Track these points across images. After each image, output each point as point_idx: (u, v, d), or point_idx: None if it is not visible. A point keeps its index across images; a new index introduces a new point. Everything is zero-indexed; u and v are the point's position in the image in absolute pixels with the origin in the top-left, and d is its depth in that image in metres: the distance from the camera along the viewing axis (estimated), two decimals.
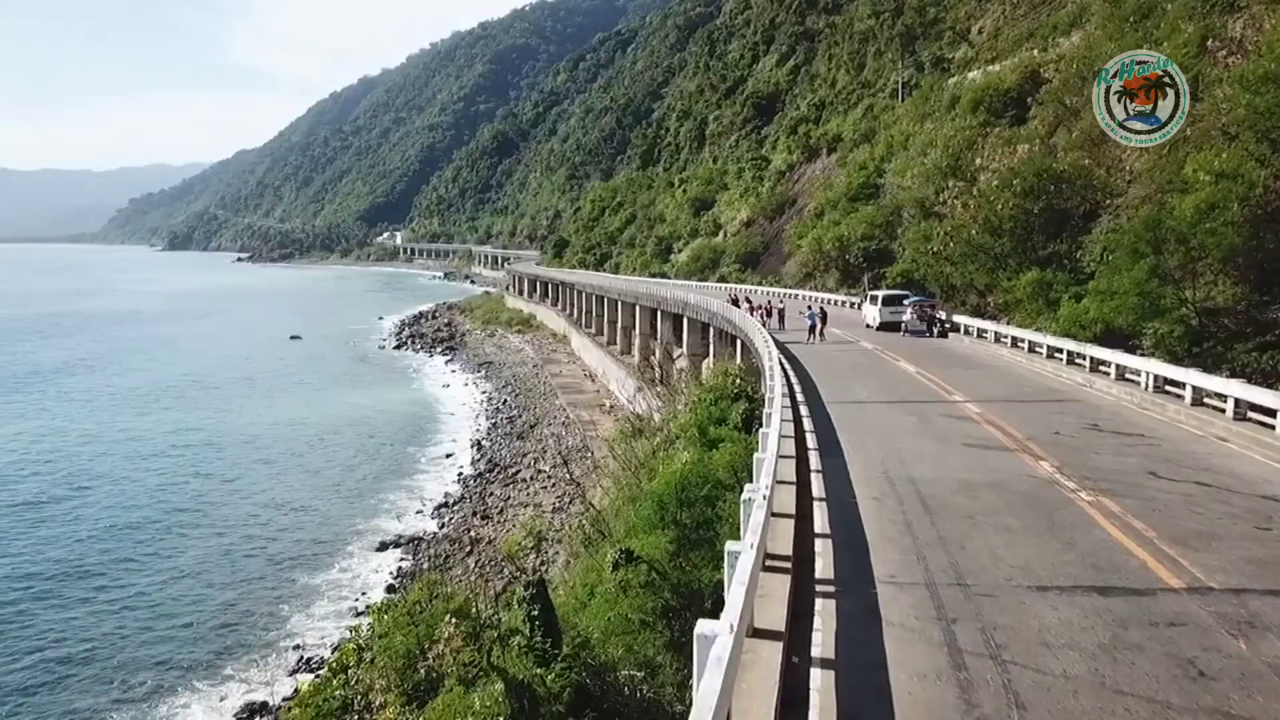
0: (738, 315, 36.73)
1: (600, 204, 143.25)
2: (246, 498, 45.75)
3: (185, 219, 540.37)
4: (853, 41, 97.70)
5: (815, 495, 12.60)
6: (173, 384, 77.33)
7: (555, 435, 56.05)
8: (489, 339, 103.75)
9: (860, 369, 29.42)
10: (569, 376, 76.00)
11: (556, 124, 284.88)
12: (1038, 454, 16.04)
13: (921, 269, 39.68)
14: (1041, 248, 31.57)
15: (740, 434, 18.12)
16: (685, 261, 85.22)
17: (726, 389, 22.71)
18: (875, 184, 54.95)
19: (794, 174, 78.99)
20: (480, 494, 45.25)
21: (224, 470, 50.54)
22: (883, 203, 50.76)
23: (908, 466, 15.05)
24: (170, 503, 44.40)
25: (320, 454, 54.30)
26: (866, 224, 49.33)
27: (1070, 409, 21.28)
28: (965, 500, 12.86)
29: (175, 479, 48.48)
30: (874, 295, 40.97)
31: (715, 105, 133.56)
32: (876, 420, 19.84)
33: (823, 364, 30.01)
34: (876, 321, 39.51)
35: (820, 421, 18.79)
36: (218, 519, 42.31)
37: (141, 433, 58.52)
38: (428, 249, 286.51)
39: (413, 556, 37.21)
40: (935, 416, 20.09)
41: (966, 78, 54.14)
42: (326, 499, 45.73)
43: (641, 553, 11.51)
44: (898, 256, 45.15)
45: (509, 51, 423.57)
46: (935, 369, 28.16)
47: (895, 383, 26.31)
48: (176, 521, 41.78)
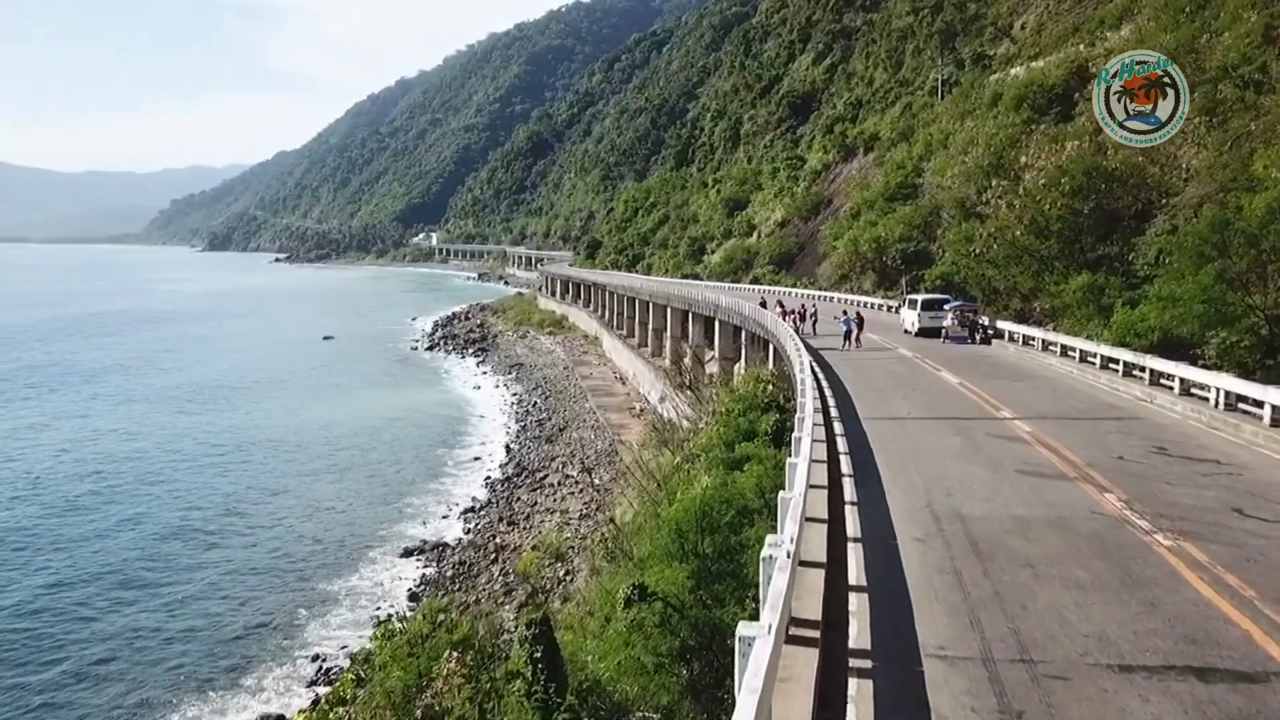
0: (769, 320, 35.14)
1: (633, 204, 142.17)
2: (271, 500, 45.25)
3: (225, 220, 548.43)
4: (891, 39, 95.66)
5: (850, 534, 11.20)
6: (204, 384, 77.50)
7: (584, 439, 55.04)
8: (520, 340, 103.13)
9: (899, 379, 27.69)
10: (599, 379, 75.03)
11: (591, 125, 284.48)
12: (1101, 484, 14.33)
13: (962, 271, 37.81)
14: (1090, 250, 29.64)
15: (770, 449, 16.85)
16: (718, 262, 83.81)
17: (757, 398, 21.42)
18: (913, 184, 53.17)
19: (830, 174, 77.25)
20: (507, 499, 44.35)
21: (250, 472, 50.16)
22: (921, 203, 48.99)
23: (955, 498, 13.45)
24: (195, 505, 44.01)
25: (348, 456, 53.78)
26: (904, 224, 47.53)
27: (1132, 428, 19.49)
28: (1023, 544, 11.22)
29: (201, 481, 48.15)
30: (912, 299, 39.03)
31: (750, 105, 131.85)
32: (917, 440, 18.20)
33: (859, 373, 28.46)
34: (915, 327, 37.57)
35: (856, 441, 17.33)
36: (241, 522, 41.81)
37: (169, 434, 58.42)
38: (462, 250, 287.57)
39: (437, 564, 36.35)
40: (982, 436, 18.44)
41: (1009, 74, 52.22)
42: (352, 502, 45.12)
43: (657, 588, 10.31)
44: (936, 258, 43.29)
45: (544, 53, 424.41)
46: (979, 380, 26.37)
47: (937, 396, 24.53)
48: (200, 525, 41.34)
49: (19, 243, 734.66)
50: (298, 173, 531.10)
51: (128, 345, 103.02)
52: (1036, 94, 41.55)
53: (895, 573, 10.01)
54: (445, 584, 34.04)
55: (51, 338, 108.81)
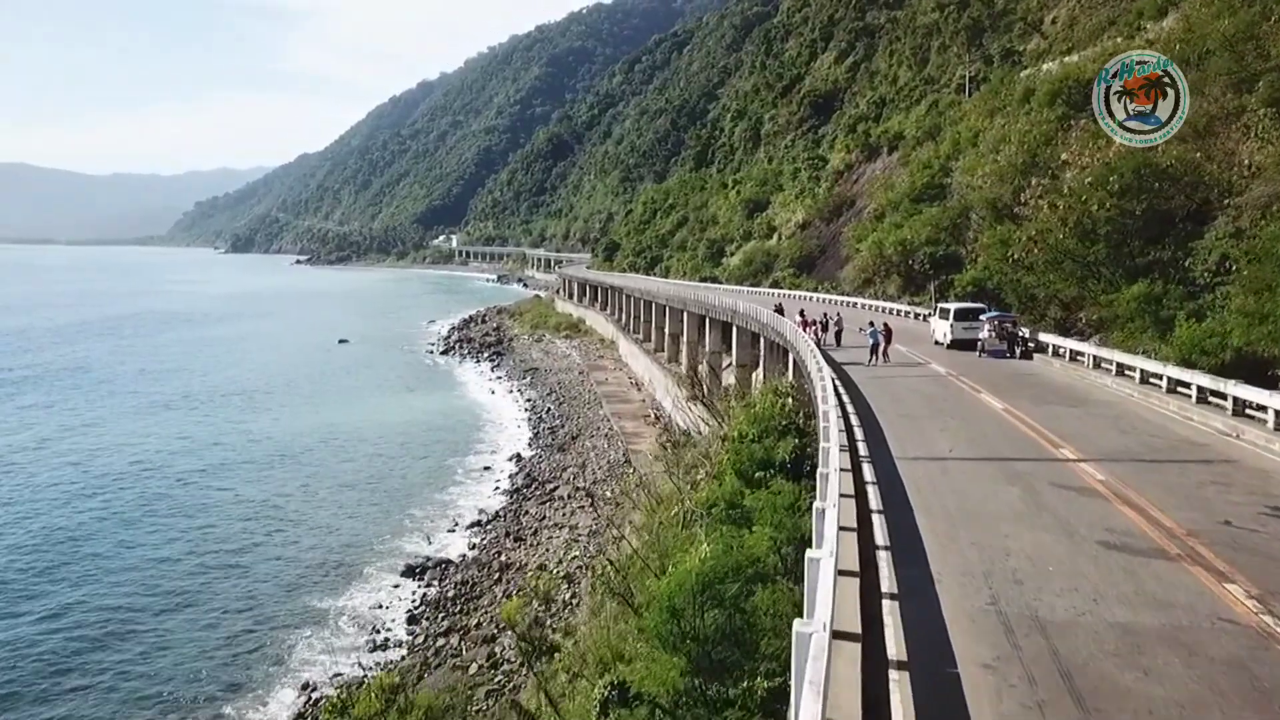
0: (788, 329, 33.01)
1: (652, 206, 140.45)
2: (271, 511, 43.86)
3: (248, 222, 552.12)
4: (915, 36, 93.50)
5: (891, 657, 8.28)
6: (211, 390, 76.52)
7: (597, 448, 53.37)
8: (536, 344, 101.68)
9: (934, 404, 24.43)
10: (614, 384, 73.36)
11: (611, 126, 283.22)
12: (1214, 565, 11.10)
13: (995, 277, 35.40)
14: (1140, 254, 27.16)
15: (787, 481, 14.97)
16: (737, 265, 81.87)
17: (774, 419, 19.53)
18: (940, 184, 50.97)
19: (852, 174, 75.11)
20: (515, 512, 42.76)
21: (251, 482, 48.83)
22: (949, 204, 46.80)
23: (1026, 589, 10.31)
24: (190, 516, 42.68)
25: (354, 465, 52.40)
26: (931, 226, 45.31)
27: (1228, 476, 15.94)
28: (1138, 679, 8.04)
29: (198, 491, 46.83)
30: (944, 309, 36.08)
31: (771, 104, 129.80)
32: (966, 492, 14.89)
33: (888, 395, 25.44)
34: (948, 339, 34.64)
35: (891, 493, 14.27)
36: (238, 535, 40.41)
37: (169, 441, 57.29)
38: (482, 252, 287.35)
39: (439, 582, 34.78)
40: (1045, 486, 15.11)
41: (1041, 69, 50.04)
42: (356, 514, 43.66)
43: (643, 686, 8.44)
44: (967, 263, 40.87)
45: (565, 55, 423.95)
46: (1027, 405, 23.10)
47: (981, 426, 21.07)
48: (195, 536, 39.98)
49: (46, 244, 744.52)
50: (319, 175, 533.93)
51: (138, 348, 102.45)
52: (1073, 89, 39.29)
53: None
54: (446, 605, 32.46)
55: (64, 340, 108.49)
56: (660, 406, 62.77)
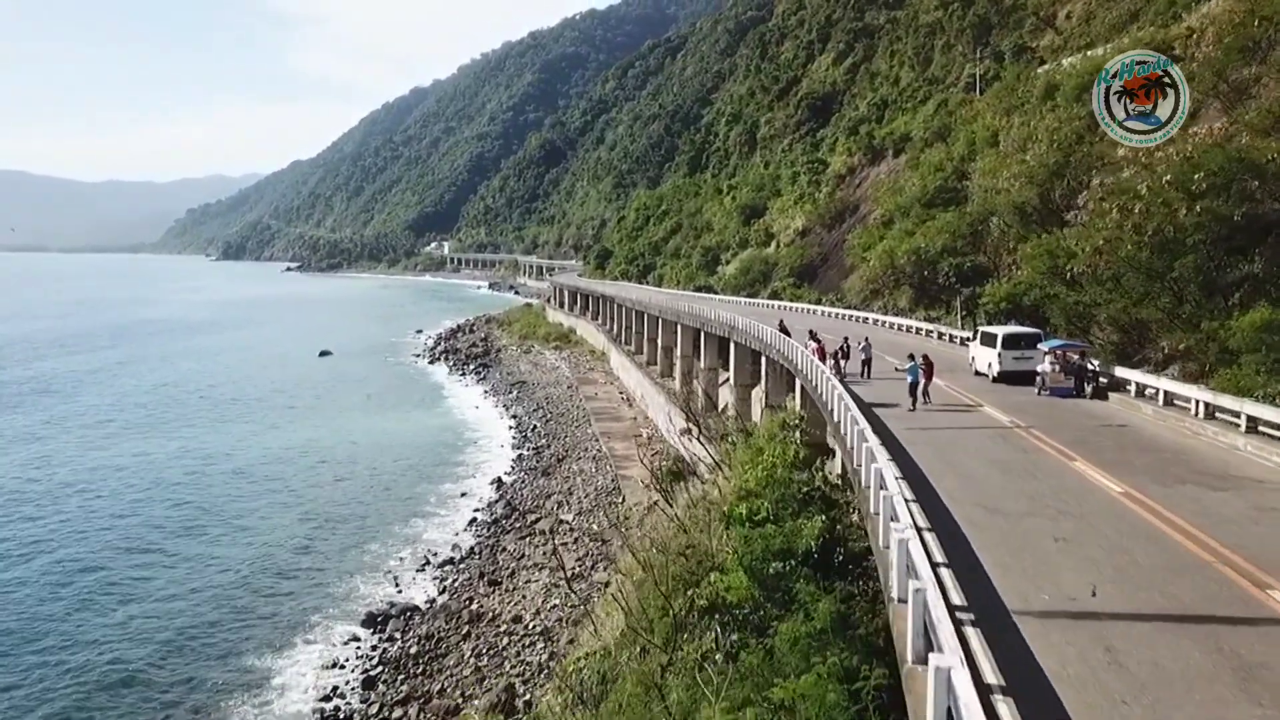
0: (798, 356, 27.85)
1: (645, 212, 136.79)
2: (219, 545, 39.99)
3: (240, 229, 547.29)
4: (918, 36, 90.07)
5: None
6: (181, 404, 72.92)
7: (584, 472, 49.59)
8: (524, 356, 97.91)
9: (1018, 480, 16.95)
10: (605, 400, 69.59)
11: (604, 132, 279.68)
12: None
13: (1032, 293, 30.59)
14: (1228, 268, 22.31)
15: (815, 585, 11.00)
16: (734, 274, 78.09)
17: (786, 473, 15.58)
18: (955, 187, 47.25)
19: (854, 178, 71.41)
20: (492, 548, 38.92)
21: (202, 509, 45.00)
22: (967, 208, 42.99)
23: None
24: (129, 549, 38.73)
25: (321, 492, 48.53)
26: (948, 233, 41.43)
27: None
28: None
29: (144, 520, 42.94)
30: (988, 333, 29.25)
31: (767, 108, 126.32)
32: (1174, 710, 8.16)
33: (950, 464, 18.13)
34: (995, 370, 28.23)
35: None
36: (179, 572, 36.54)
37: (124, 463, 53.54)
38: (474, 259, 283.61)
39: (401, 636, 30.91)
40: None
41: (1062, 64, 46.47)
42: (316, 550, 39.77)
43: None
44: (997, 275, 36.50)
45: (558, 60, 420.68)
46: (1154, 487, 16.05)
47: (1111, 533, 13.58)
48: (129, 573, 36.09)
49: (39, 251, 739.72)
50: (311, 182, 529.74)
51: (110, 361, 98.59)
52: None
53: None
54: (407, 665, 28.60)
55: (43, 351, 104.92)
56: (653, 425, 59.02)
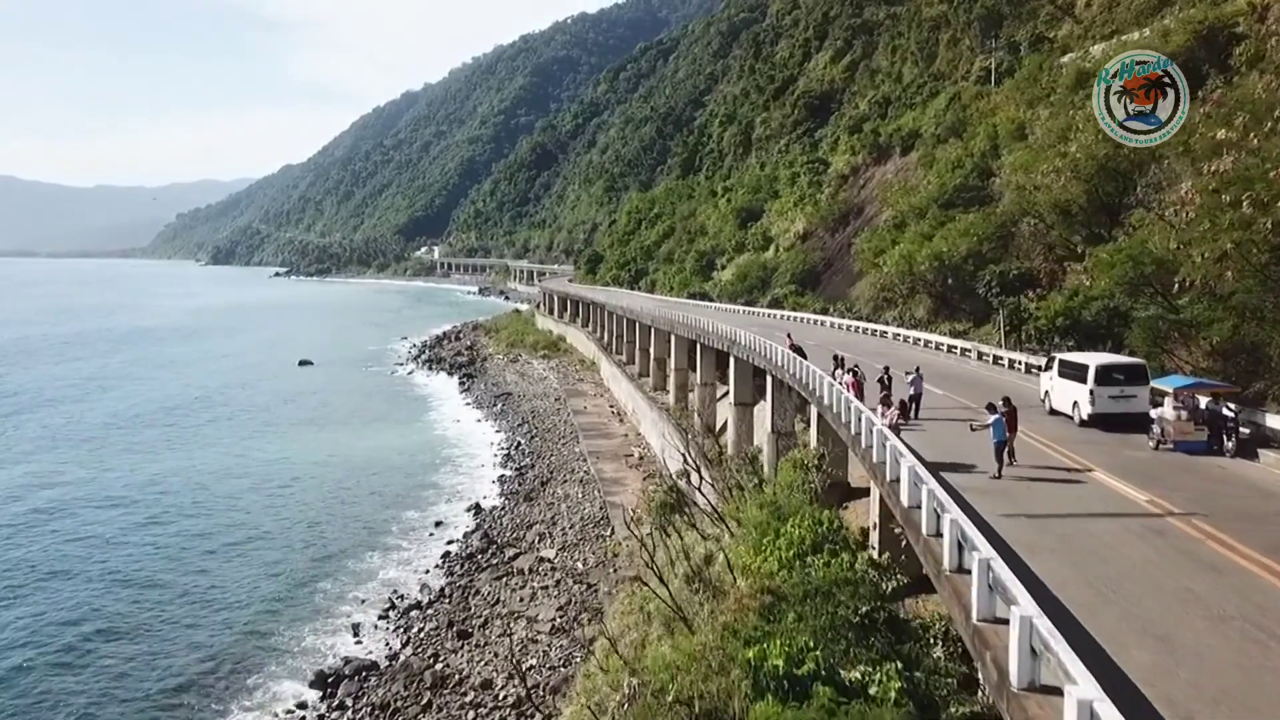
0: (830, 393, 22.23)
1: (636, 216, 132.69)
2: (162, 582, 35.95)
3: (229, 234, 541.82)
4: (921, 30, 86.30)
5: None
6: (148, 417, 69.12)
7: (570, 498, 45.51)
8: (511, 365, 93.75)
9: (1256, 646, 9.63)
10: (594, 413, 65.47)
11: (596, 135, 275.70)
12: None
13: (1093, 306, 25.77)
14: None
15: None
16: (730, 280, 74.03)
17: (830, 580, 11.36)
18: (977, 185, 43.18)
19: (858, 178, 67.40)
20: (464, 590, 34.77)
21: (154, 536, 40.86)
22: (993, 208, 38.82)
23: None
24: (57, 591, 34.42)
25: (282, 519, 44.37)
26: (972, 237, 37.22)
27: None
28: None
29: (85, 551, 38.71)
30: (1073, 363, 22.56)
31: (762, 107, 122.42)
32: None
33: (1106, 596, 11.17)
34: (1084, 411, 21.44)
35: None
36: (105, 614, 32.50)
37: (76, 481, 49.78)
38: (464, 263, 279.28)
39: (353, 702, 26.73)
40: None
41: (1090, 52, 42.58)
42: (267, 589, 35.66)
43: None
44: (1039, 284, 32.01)
45: (550, 64, 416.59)
46: None
47: None
48: (53, 624, 31.77)
49: (27, 257, 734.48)
50: (302, 186, 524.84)
51: (85, 370, 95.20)
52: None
53: None
54: None
55: (17, 360, 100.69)
56: (645, 442, 54.91)
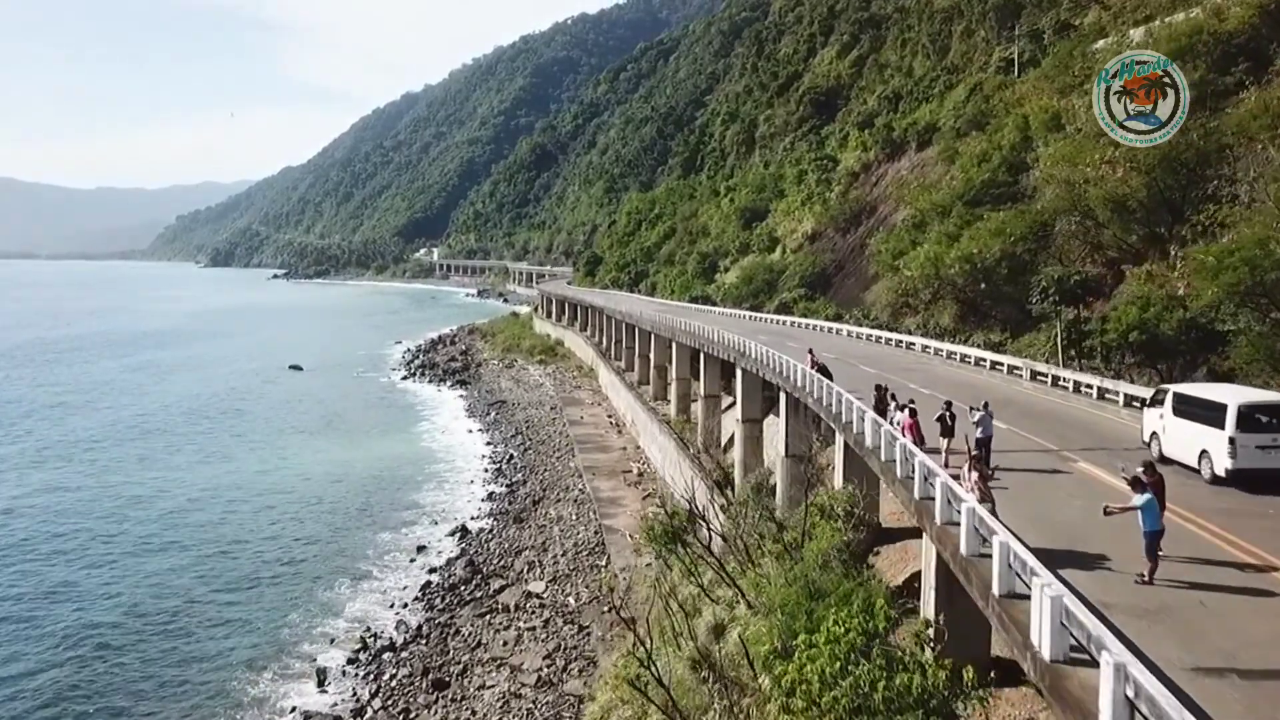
0: (870, 426, 18.16)
1: (636, 216, 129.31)
2: (109, 612, 32.53)
3: (229, 236, 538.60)
4: (933, 23, 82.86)
5: None
6: (126, 427, 66.70)
7: (563, 519, 42.13)
8: (506, 370, 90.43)
9: None
10: (591, 424, 62.04)
11: (596, 136, 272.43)
12: None
13: (1172, 320, 22.36)
14: None
15: None
16: (734, 283, 70.58)
17: (885, 684, 8.06)
18: (1006, 181, 39.66)
19: (870, 175, 63.92)
20: (443, 629, 31.39)
21: (105, 565, 37.59)
22: (1031, 205, 35.13)
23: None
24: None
25: (249, 542, 41.13)
26: (1008, 236, 33.51)
27: None
28: None
29: (37, 580, 35.30)
30: (1202, 400, 17.16)
31: (766, 105, 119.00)
32: None
33: None
34: (1222, 464, 16.08)
35: None
36: (33, 659, 28.97)
37: (41, 496, 46.55)
38: (463, 265, 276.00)
39: None
40: None
41: (1130, 35, 39.14)
42: (225, 625, 32.36)
43: None
44: (1115, 295, 27.56)
45: (550, 65, 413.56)
46: None
47: None
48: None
49: (27, 259, 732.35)
50: (302, 188, 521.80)
51: (68, 376, 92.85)
52: (1209, 45, 28.42)
53: None
54: None
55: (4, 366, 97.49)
56: (644, 457, 51.49)
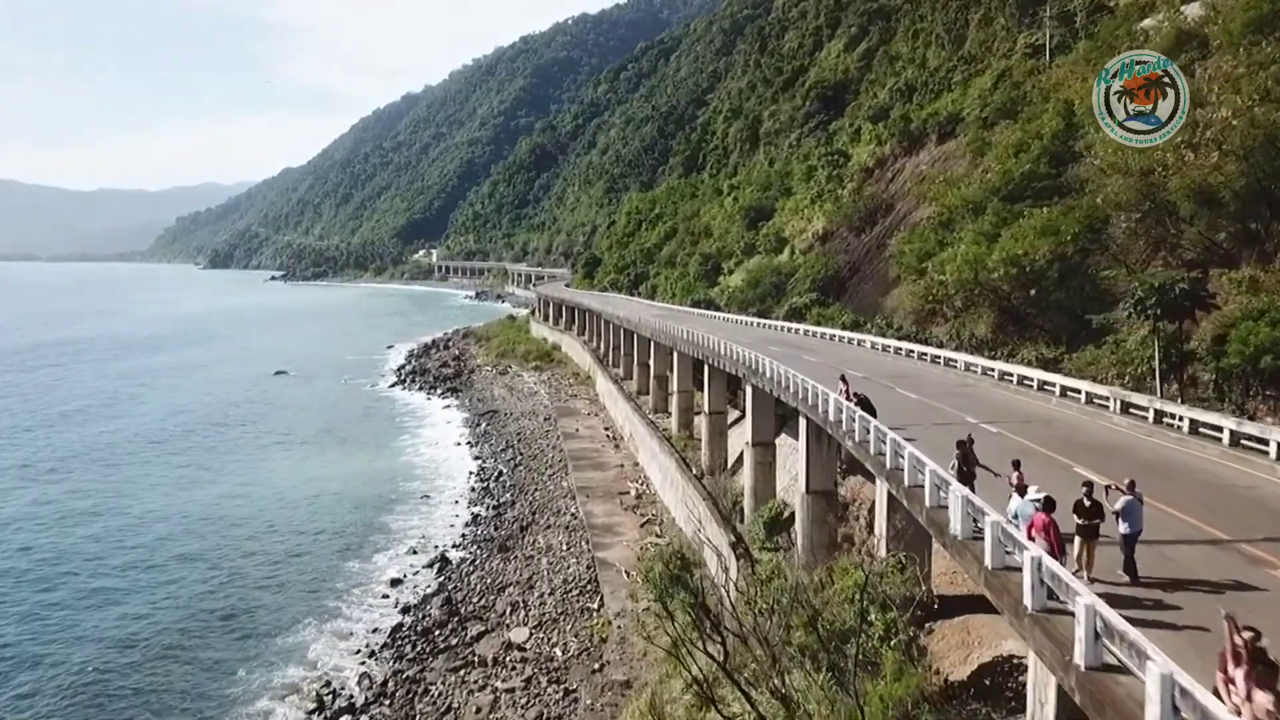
0: (960, 512, 13.47)
1: (636, 216, 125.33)
2: (37, 655, 28.66)
3: (228, 237, 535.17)
4: (948, 12, 78.85)
5: None
6: (95, 438, 63.55)
7: (552, 549, 38.06)
8: (500, 377, 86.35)
9: None
10: (587, 437, 58.01)
11: (596, 136, 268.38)
12: None
13: None
14: None
15: None
16: (740, 285, 66.54)
17: None
18: (1048, 173, 35.55)
19: (886, 170, 59.81)
20: (411, 686, 27.38)
21: (46, 590, 33.68)
22: (1081, 199, 30.92)
23: None
24: None
25: (207, 573, 37.39)
26: (1062, 236, 29.24)
27: None
28: None
29: None
30: None
31: (770, 100, 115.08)
32: None
33: None
34: None
35: None
36: None
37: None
38: (462, 267, 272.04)
39: None
40: None
41: (1180, 11, 35.15)
42: (164, 674, 28.50)
43: None
44: (1212, 295, 22.84)
45: (550, 65, 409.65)
46: None
47: None
48: None
49: (27, 260, 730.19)
50: (301, 189, 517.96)
51: (46, 382, 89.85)
52: None
53: None
54: None
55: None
56: (643, 477, 47.43)
